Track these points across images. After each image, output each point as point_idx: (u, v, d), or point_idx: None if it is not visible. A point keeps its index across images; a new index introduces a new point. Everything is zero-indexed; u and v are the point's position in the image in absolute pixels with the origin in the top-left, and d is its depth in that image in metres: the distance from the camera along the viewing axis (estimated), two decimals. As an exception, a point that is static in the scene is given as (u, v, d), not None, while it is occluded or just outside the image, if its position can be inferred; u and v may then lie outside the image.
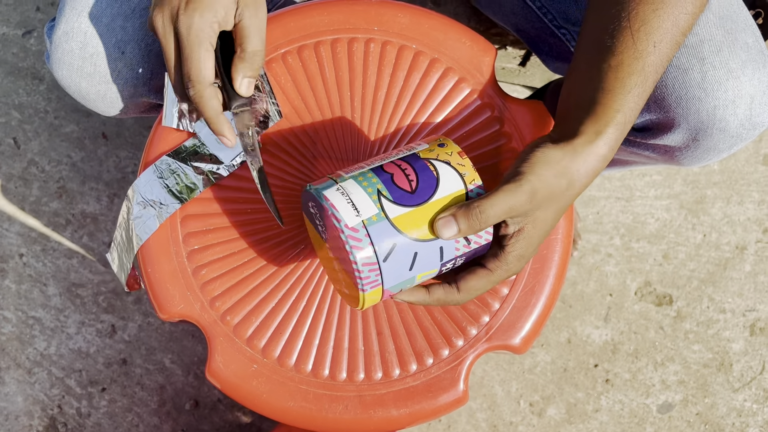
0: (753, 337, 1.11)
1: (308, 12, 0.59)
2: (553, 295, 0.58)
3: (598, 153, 0.48)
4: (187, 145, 0.58)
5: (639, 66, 0.49)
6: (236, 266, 0.58)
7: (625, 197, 1.15)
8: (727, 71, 0.55)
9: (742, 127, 0.57)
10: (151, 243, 0.58)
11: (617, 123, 0.48)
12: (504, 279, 0.50)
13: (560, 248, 0.58)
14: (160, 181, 0.58)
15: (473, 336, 0.57)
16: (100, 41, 0.59)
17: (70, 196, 1.14)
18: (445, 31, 0.59)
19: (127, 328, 1.10)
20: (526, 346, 0.57)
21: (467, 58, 0.59)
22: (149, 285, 0.57)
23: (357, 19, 0.59)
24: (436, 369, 0.56)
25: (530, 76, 1.11)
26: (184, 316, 0.57)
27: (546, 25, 0.67)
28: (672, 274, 1.13)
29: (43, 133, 1.15)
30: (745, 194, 1.14)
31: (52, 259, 1.12)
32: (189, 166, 0.58)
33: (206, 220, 0.58)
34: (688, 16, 0.49)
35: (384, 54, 0.59)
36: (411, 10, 0.59)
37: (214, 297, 0.57)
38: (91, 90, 0.61)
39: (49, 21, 0.63)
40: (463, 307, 0.57)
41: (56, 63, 0.61)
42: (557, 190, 0.47)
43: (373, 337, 0.57)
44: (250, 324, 0.57)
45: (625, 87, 0.49)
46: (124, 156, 1.14)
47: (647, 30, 0.49)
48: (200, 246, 0.58)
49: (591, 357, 1.10)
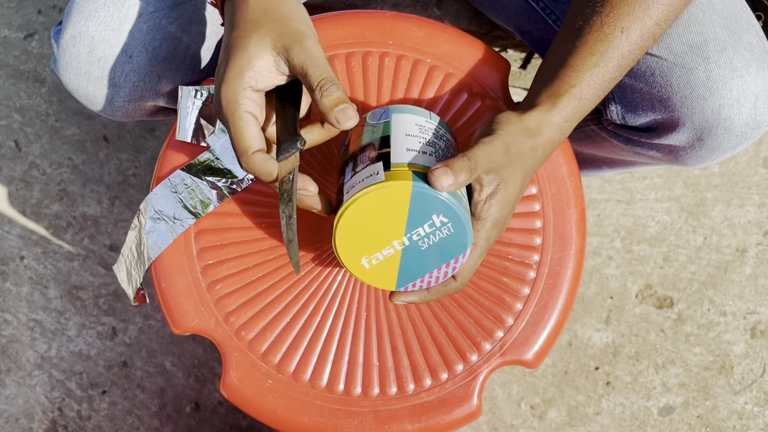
0: (754, 340, 1.12)
1: (323, 25, 0.59)
2: (566, 311, 0.58)
3: (554, 121, 0.51)
4: (201, 159, 0.58)
5: (602, 47, 0.50)
6: (251, 281, 0.57)
7: (625, 200, 1.15)
8: (732, 70, 0.55)
9: (746, 126, 0.57)
10: (164, 258, 0.57)
11: (572, 96, 0.51)
12: (487, 249, 0.51)
13: (573, 264, 0.58)
14: (174, 196, 0.57)
15: (487, 351, 0.57)
16: (108, 45, 0.58)
17: (71, 198, 1.13)
18: (460, 45, 0.59)
19: (128, 330, 1.10)
20: (538, 360, 0.58)
21: (482, 72, 0.59)
22: (163, 300, 0.57)
23: (372, 33, 0.59)
24: (451, 384, 0.57)
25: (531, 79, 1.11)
26: (199, 331, 0.57)
27: (550, 26, 0.67)
28: (673, 276, 1.13)
29: (44, 136, 1.14)
30: (745, 197, 1.15)
31: (52, 262, 1.11)
32: (203, 181, 0.57)
33: (220, 234, 0.58)
34: (663, 6, 0.51)
35: (399, 68, 0.59)
36: (426, 24, 0.59)
37: (228, 312, 0.57)
38: (99, 94, 0.61)
39: (55, 25, 0.63)
40: (477, 323, 0.57)
41: (63, 67, 0.60)
42: (524, 148, 0.50)
43: (387, 353, 0.57)
44: (265, 339, 0.57)
45: (585, 64, 0.51)
46: (125, 158, 1.13)
47: (616, 15, 0.50)
48: (214, 261, 0.57)
49: (592, 360, 1.11)
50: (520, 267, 0.58)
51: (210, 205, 0.57)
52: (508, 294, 0.58)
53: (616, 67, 0.51)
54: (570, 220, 0.58)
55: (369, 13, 0.59)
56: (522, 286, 0.58)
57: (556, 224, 0.58)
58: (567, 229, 0.58)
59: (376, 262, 0.48)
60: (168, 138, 0.59)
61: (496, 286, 0.58)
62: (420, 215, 0.46)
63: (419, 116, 0.51)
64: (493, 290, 0.58)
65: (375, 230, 0.46)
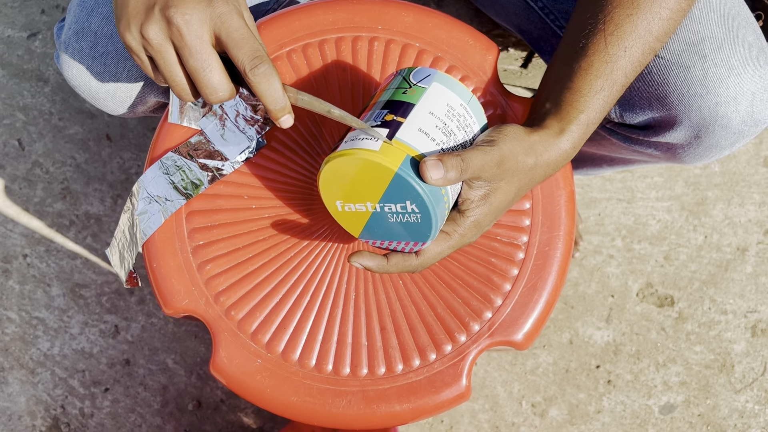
0: (754, 339, 1.11)
1: (313, 11, 0.60)
2: (555, 292, 0.58)
3: (560, 147, 0.51)
4: (193, 141, 0.58)
5: (608, 69, 0.51)
6: (241, 261, 0.58)
7: (626, 199, 1.15)
8: (729, 68, 0.55)
9: (743, 123, 0.57)
10: (156, 239, 0.58)
11: (580, 122, 0.51)
12: (459, 245, 0.52)
13: (562, 245, 0.58)
14: (165, 177, 0.58)
15: (476, 332, 0.57)
16: (110, 41, 0.59)
17: (74, 197, 1.14)
18: (449, 29, 0.60)
19: (130, 328, 1.11)
20: (528, 342, 0.58)
21: (470, 56, 0.59)
22: (154, 280, 0.58)
23: (361, 18, 0.59)
24: (439, 364, 0.57)
25: (532, 78, 1.12)
26: (189, 311, 0.57)
27: (548, 26, 0.67)
28: (673, 275, 1.13)
29: (47, 135, 1.16)
30: (746, 196, 1.15)
31: (55, 260, 1.12)
32: (194, 162, 0.58)
33: (211, 216, 0.58)
34: (663, 21, 0.51)
35: (388, 52, 0.59)
36: (414, 9, 0.60)
37: (218, 292, 0.57)
38: (101, 89, 0.62)
39: (58, 21, 0.64)
40: (465, 303, 0.57)
41: (66, 63, 0.61)
42: (522, 167, 0.49)
43: (376, 333, 0.57)
44: (255, 319, 0.57)
45: (592, 89, 0.51)
46: (128, 157, 1.15)
47: (620, 34, 0.50)
48: (205, 242, 0.58)
49: (593, 358, 1.10)
50: (509, 248, 0.58)
51: (201, 186, 0.58)
52: (497, 275, 0.58)
53: (620, 88, 0.51)
54: (559, 201, 0.58)
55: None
56: (511, 266, 0.58)
57: (545, 205, 0.58)
58: (556, 210, 0.58)
59: (348, 210, 0.50)
60: (161, 121, 0.60)
61: (484, 266, 0.58)
62: (396, 195, 0.47)
63: (457, 96, 0.50)
64: (481, 270, 0.58)
65: (354, 186, 0.48)
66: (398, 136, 0.47)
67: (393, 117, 0.48)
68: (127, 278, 0.61)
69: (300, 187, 0.59)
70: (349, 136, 0.49)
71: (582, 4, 0.54)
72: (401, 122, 0.48)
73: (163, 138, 0.59)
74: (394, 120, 0.48)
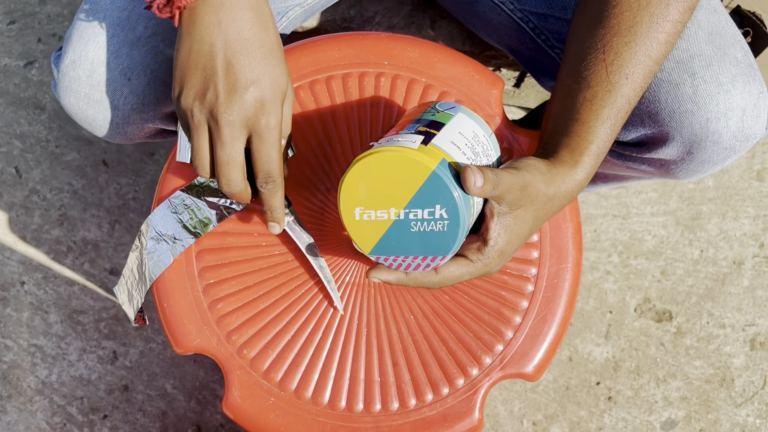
0: (753, 352, 1.12)
1: (319, 47, 0.60)
2: (564, 323, 0.59)
3: (576, 178, 0.52)
4: (201, 179, 0.58)
5: (612, 99, 0.52)
6: (252, 299, 0.58)
7: (621, 215, 1.16)
8: (718, 85, 0.56)
9: (735, 138, 0.58)
10: (166, 278, 0.58)
11: (591, 153, 0.52)
12: (481, 274, 0.52)
13: (570, 277, 0.59)
14: (174, 216, 0.58)
15: (488, 365, 0.57)
16: (107, 69, 0.59)
17: (72, 223, 1.13)
18: (454, 64, 0.60)
19: (129, 354, 1.10)
20: (539, 373, 0.58)
21: (476, 90, 0.60)
22: (165, 320, 0.58)
23: (367, 54, 0.60)
24: (452, 399, 0.57)
25: (525, 97, 1.13)
26: (201, 350, 0.57)
27: (540, 46, 0.68)
28: (671, 290, 1.14)
29: (44, 162, 1.15)
30: (740, 210, 1.16)
31: (53, 287, 1.12)
32: (203, 201, 0.58)
33: (221, 253, 0.58)
34: (661, 45, 0.52)
35: (394, 88, 0.60)
36: (420, 45, 0.60)
37: (230, 330, 0.57)
38: (98, 116, 0.62)
39: (56, 50, 0.64)
40: (477, 337, 0.58)
41: (63, 91, 0.61)
42: (542, 196, 0.51)
43: (389, 368, 0.57)
44: (267, 357, 0.57)
45: (599, 119, 0.52)
46: (125, 183, 1.14)
47: (620, 63, 0.51)
48: (216, 280, 0.58)
49: (593, 375, 1.11)
50: (518, 281, 0.58)
51: (210, 225, 0.58)
52: (507, 307, 0.58)
53: (625, 114, 0.53)
54: (566, 233, 0.59)
55: (364, 34, 0.61)
56: (520, 299, 0.58)
57: (553, 238, 0.59)
58: (563, 242, 0.59)
59: (366, 218, 0.48)
60: (168, 160, 0.60)
61: (494, 299, 0.58)
62: (427, 198, 0.46)
63: (480, 127, 0.52)
64: (492, 304, 0.58)
65: (382, 189, 0.47)
66: (434, 142, 0.47)
67: (426, 129, 0.49)
68: (136, 317, 0.61)
69: (310, 224, 0.60)
70: (379, 141, 0.49)
71: (578, 33, 0.54)
72: (435, 133, 0.48)
73: (170, 176, 0.59)
74: (428, 131, 0.48)
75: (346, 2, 0.92)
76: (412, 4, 0.94)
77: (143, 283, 0.59)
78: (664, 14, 0.51)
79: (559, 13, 0.64)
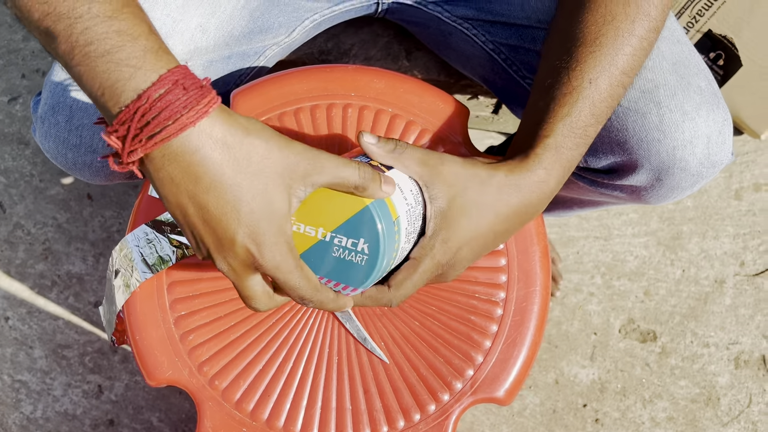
0: (738, 370, 1.13)
1: (287, 80, 0.62)
2: (534, 347, 0.59)
3: (536, 174, 0.51)
4: (168, 216, 0.59)
5: (571, 99, 0.51)
6: (223, 330, 0.58)
7: (603, 236, 1.17)
8: (683, 113, 0.58)
9: (701, 165, 0.59)
10: (138, 310, 0.58)
11: (548, 147, 0.51)
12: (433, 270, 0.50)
13: (539, 299, 0.59)
14: (136, 249, 0.59)
15: (458, 390, 0.58)
16: (86, 114, 0.61)
17: (56, 257, 1.14)
18: (420, 94, 0.61)
19: (114, 387, 1.10)
20: (510, 397, 0.58)
21: (442, 119, 0.61)
22: (137, 353, 0.58)
23: (334, 86, 0.61)
24: (424, 425, 0.57)
25: (504, 123, 1.14)
26: (173, 382, 0.58)
27: (511, 76, 0.69)
28: (654, 310, 1.14)
29: (28, 196, 1.16)
30: (720, 229, 1.17)
31: (38, 321, 1.12)
32: (165, 238, 0.59)
33: (192, 285, 0.59)
34: (626, 56, 0.52)
35: (362, 118, 0.61)
36: (386, 76, 0.62)
37: (202, 362, 0.58)
38: (78, 160, 0.63)
39: (35, 96, 0.65)
40: (447, 362, 0.58)
41: (43, 136, 0.62)
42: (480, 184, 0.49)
43: (360, 396, 0.58)
44: (239, 387, 0.57)
45: (555, 116, 0.51)
46: (110, 215, 1.15)
47: (582, 69, 0.52)
48: (187, 312, 0.59)
49: (579, 397, 1.11)
50: (487, 305, 0.59)
51: (168, 262, 0.58)
52: (477, 332, 0.59)
53: (589, 114, 0.51)
54: (534, 257, 0.60)
55: (331, 67, 0.62)
56: (490, 323, 0.59)
57: (520, 261, 0.60)
58: (531, 266, 0.60)
59: (296, 229, 0.47)
60: (140, 194, 0.61)
61: (464, 324, 0.59)
62: (355, 229, 0.46)
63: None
64: (461, 329, 0.59)
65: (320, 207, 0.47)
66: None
67: (378, 164, 0.49)
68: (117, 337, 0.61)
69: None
70: None
71: (547, 52, 0.56)
72: (384, 171, 0.49)
73: (142, 211, 0.60)
74: (379, 167, 0.49)
75: (323, 35, 0.93)
76: (388, 36, 0.96)
77: (113, 309, 0.60)
78: (630, 29, 0.52)
79: (529, 45, 0.66)
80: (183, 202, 0.42)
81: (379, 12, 0.74)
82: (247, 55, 0.66)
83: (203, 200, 0.42)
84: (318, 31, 0.73)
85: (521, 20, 0.66)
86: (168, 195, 0.42)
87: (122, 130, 0.40)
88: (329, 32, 0.93)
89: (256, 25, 0.65)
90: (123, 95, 0.40)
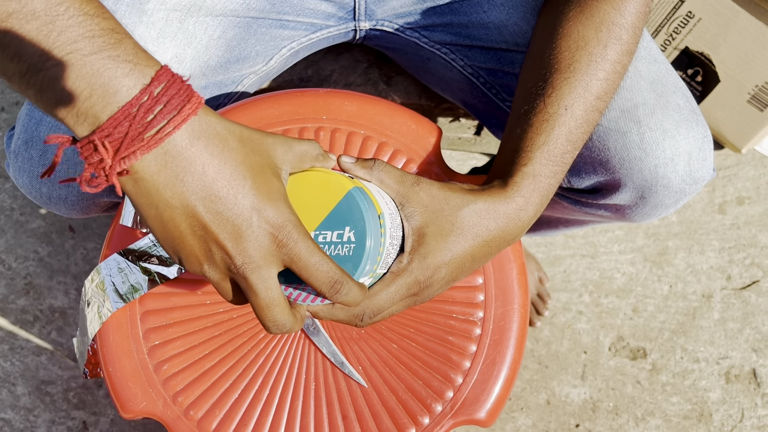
0: (729, 385, 1.12)
1: (259, 105, 0.62)
2: (515, 365, 0.58)
3: (514, 201, 0.51)
4: (140, 244, 0.59)
5: (548, 126, 0.52)
6: (198, 359, 0.57)
7: (590, 254, 1.17)
8: (663, 131, 0.58)
9: (683, 182, 0.59)
10: (111, 341, 0.57)
11: (526, 174, 0.51)
12: (410, 287, 0.49)
13: (517, 318, 0.59)
14: (108, 279, 0.58)
15: (439, 413, 0.57)
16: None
17: (38, 291, 1.13)
18: (391, 115, 0.61)
19: (99, 423, 1.08)
20: (492, 418, 0.57)
21: (413, 140, 0.61)
22: (111, 384, 0.57)
23: (306, 110, 0.61)
24: (404, 449, 0.56)
25: (486, 144, 1.15)
26: (147, 414, 0.56)
27: (491, 99, 0.70)
28: (643, 326, 1.14)
29: (9, 231, 1.15)
30: (705, 243, 1.17)
31: (20, 358, 1.10)
32: (137, 266, 0.58)
33: (166, 314, 0.58)
34: (600, 81, 0.53)
35: (334, 140, 0.61)
36: (358, 98, 0.62)
37: (176, 392, 0.57)
38: (53, 194, 0.63)
39: (8, 130, 0.65)
40: (426, 384, 0.57)
41: (17, 171, 0.62)
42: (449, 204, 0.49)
43: (338, 422, 0.57)
44: (215, 417, 0.56)
45: (533, 144, 0.51)
46: (92, 248, 1.14)
47: (558, 95, 0.52)
48: (161, 341, 0.58)
49: (571, 417, 1.10)
50: (465, 324, 0.58)
51: (140, 291, 0.58)
52: (455, 353, 0.58)
53: (565, 141, 0.52)
54: (510, 274, 0.59)
55: (302, 91, 0.62)
56: (468, 343, 0.58)
57: (497, 279, 0.59)
58: (508, 283, 0.59)
59: None
60: (113, 223, 0.60)
61: (442, 345, 0.58)
62: (339, 219, 0.45)
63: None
64: (440, 350, 0.58)
65: (299, 209, 0.45)
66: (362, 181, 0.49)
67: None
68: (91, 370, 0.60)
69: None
70: None
71: (524, 77, 0.56)
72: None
73: (115, 240, 0.59)
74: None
75: (303, 62, 0.94)
76: (368, 62, 0.96)
77: (85, 338, 0.59)
78: (603, 54, 0.53)
79: (508, 68, 0.66)
80: (190, 201, 0.39)
81: (357, 39, 0.74)
82: (225, 84, 0.66)
83: (213, 189, 0.39)
84: (296, 59, 0.74)
85: (499, 44, 0.66)
86: (171, 199, 0.39)
87: (117, 132, 0.37)
88: (309, 59, 0.94)
89: (232, 54, 0.65)
90: (119, 93, 0.37)
